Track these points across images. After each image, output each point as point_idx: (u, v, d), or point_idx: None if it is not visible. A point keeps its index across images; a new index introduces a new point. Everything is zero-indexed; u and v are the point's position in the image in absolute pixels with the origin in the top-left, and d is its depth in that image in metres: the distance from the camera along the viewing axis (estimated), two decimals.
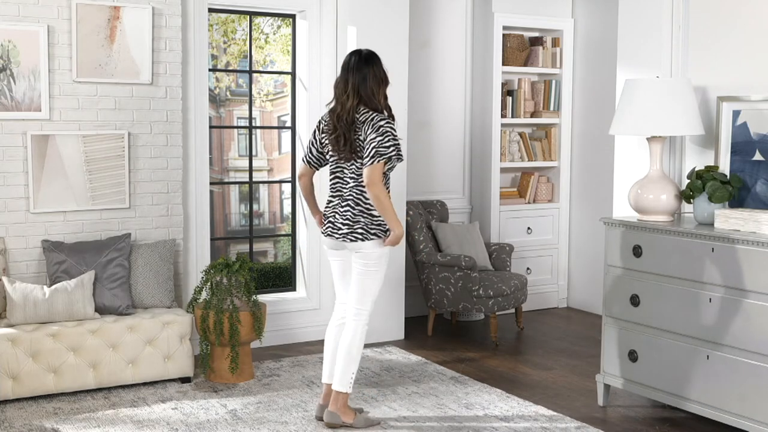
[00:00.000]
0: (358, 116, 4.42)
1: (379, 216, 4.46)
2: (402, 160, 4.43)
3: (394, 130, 4.41)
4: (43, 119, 5.30)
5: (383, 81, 4.50)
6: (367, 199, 4.44)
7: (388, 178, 4.48)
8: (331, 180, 4.57)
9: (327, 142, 4.52)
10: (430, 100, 7.13)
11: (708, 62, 4.96)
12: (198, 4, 5.82)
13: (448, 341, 6.42)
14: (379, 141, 4.35)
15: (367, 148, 4.36)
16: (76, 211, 5.43)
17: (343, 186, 4.49)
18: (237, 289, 5.31)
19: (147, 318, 5.17)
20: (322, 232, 4.61)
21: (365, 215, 4.45)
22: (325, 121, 4.56)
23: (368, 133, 4.37)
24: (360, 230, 4.44)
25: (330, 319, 4.77)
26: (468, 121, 7.31)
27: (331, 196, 4.56)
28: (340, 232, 4.48)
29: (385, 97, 4.53)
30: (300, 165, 4.78)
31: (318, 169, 4.69)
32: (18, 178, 5.26)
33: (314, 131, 4.63)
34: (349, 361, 4.53)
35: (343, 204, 4.49)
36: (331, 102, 4.55)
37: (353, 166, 4.45)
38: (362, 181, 4.42)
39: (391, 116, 4.49)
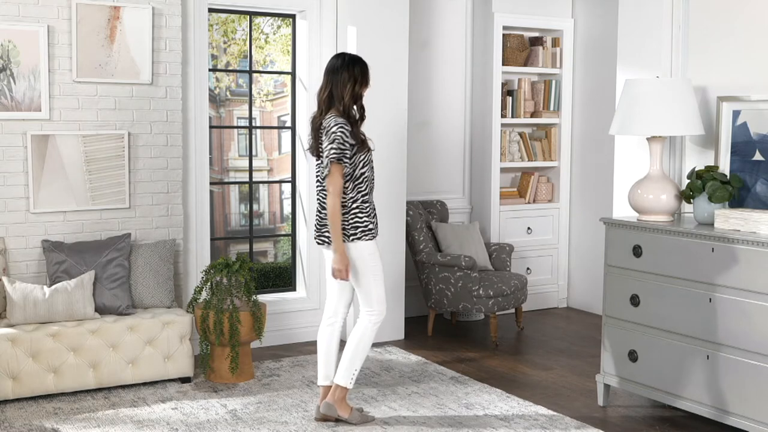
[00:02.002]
0: (323, 122, 4.48)
1: (353, 217, 4.47)
2: (342, 161, 4.38)
3: (344, 134, 4.39)
4: (43, 119, 5.30)
5: (356, 81, 4.46)
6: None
7: (360, 183, 4.48)
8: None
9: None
10: (430, 100, 7.13)
11: (708, 62, 4.96)
12: (198, 4, 5.82)
13: (448, 341, 6.42)
14: (328, 147, 4.38)
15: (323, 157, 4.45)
16: (76, 211, 5.43)
17: (322, 191, 4.53)
18: (237, 289, 5.31)
19: (147, 318, 5.17)
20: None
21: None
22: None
23: (324, 140, 4.44)
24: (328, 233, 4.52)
25: (321, 320, 4.77)
26: (468, 121, 7.31)
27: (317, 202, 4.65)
28: (322, 237, 4.58)
29: (358, 97, 4.50)
30: None
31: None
32: (18, 178, 5.26)
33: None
34: (354, 357, 4.56)
35: (322, 210, 4.54)
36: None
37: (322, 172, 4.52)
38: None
39: (362, 117, 4.50)
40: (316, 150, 4.54)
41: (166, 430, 4.52)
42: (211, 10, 6.03)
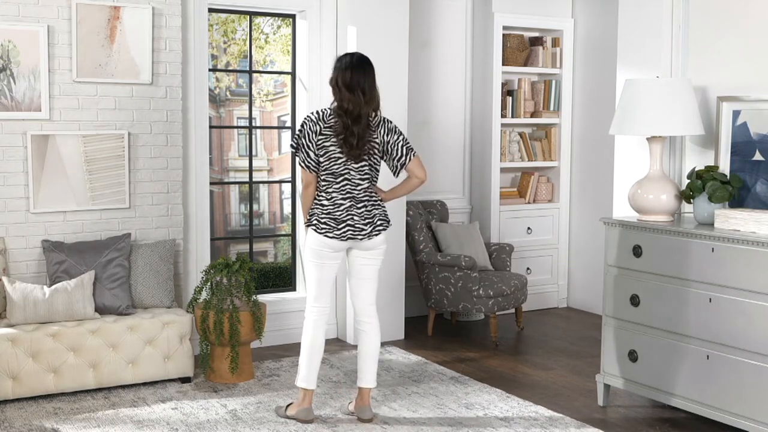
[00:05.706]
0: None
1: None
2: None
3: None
4: (43, 119, 5.30)
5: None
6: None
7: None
8: None
9: None
10: (430, 100, 7.13)
11: (708, 62, 4.96)
12: (198, 4, 5.82)
13: (448, 341, 6.42)
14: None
15: None
16: (76, 211, 5.43)
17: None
18: (237, 289, 5.31)
19: (147, 318, 5.17)
20: (340, 236, 4.49)
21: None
22: None
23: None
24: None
25: (318, 321, 4.58)
26: (468, 121, 7.31)
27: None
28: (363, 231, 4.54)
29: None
30: None
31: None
32: (18, 178, 5.27)
33: None
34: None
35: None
36: None
37: None
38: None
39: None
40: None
41: (166, 430, 4.52)
42: (211, 10, 6.03)
